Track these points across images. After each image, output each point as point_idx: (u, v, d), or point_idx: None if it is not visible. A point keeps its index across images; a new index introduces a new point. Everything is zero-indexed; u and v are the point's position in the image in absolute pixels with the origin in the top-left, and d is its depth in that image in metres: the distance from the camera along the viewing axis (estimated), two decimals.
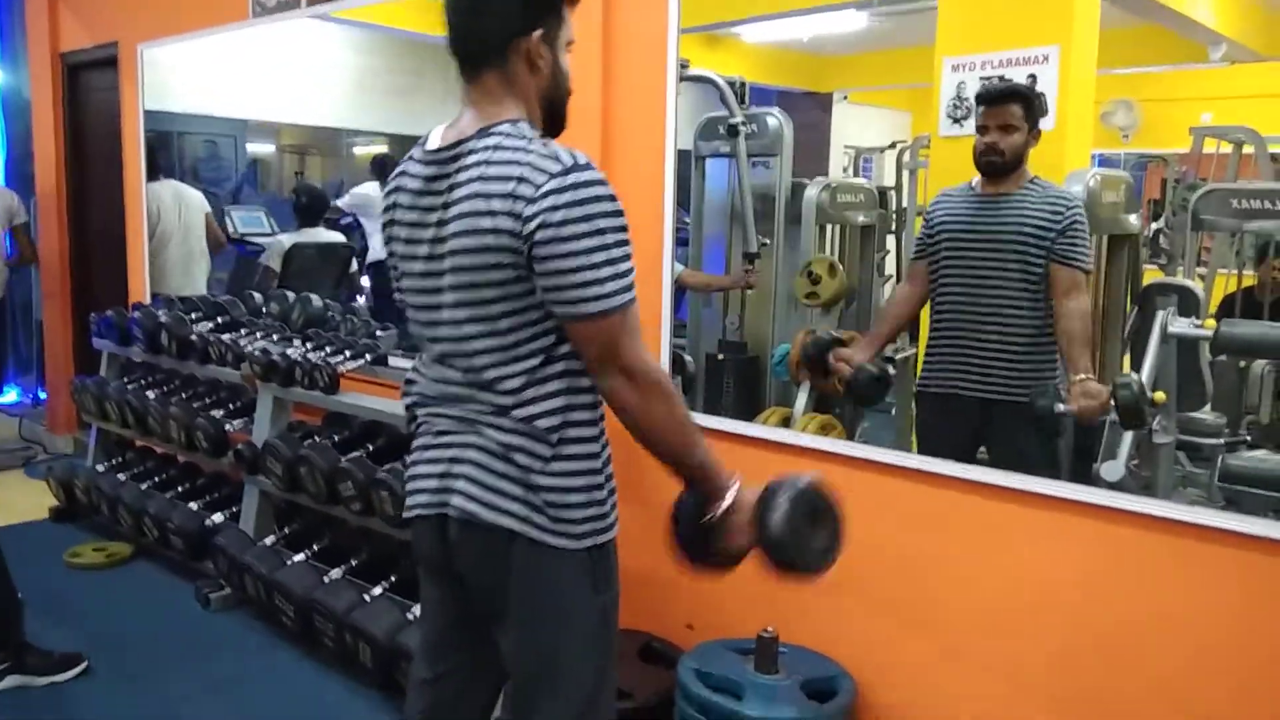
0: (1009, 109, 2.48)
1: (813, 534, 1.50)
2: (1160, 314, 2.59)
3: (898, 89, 6.54)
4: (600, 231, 1.36)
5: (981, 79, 3.08)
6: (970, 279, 2.56)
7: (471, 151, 1.43)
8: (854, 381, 2.75)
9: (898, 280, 4.47)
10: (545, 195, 1.35)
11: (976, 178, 2.59)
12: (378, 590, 2.71)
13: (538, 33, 1.46)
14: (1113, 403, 2.30)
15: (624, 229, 1.40)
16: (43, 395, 5.86)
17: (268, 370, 3.12)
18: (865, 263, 4.05)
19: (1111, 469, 2.34)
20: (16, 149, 6.02)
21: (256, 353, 3.18)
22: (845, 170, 6.57)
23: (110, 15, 4.80)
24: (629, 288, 1.40)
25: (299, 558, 2.93)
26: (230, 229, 5.40)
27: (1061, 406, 2.34)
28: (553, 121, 1.55)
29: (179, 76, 5.05)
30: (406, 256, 1.53)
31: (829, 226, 3.91)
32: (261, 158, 6.60)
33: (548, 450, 1.46)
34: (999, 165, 2.50)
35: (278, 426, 3.20)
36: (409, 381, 1.61)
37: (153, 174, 4.89)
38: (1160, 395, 2.44)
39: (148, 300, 4.54)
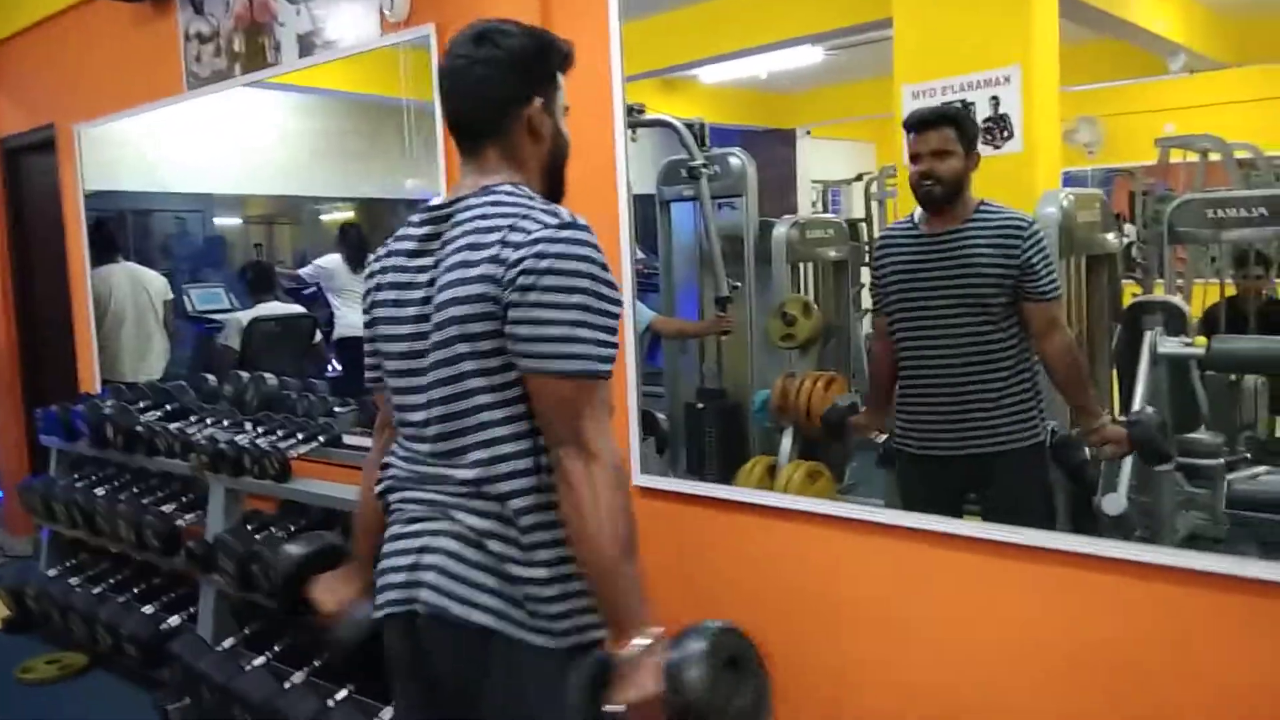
0: (940, 133, 2.31)
1: (735, 690, 1.31)
2: (1149, 334, 2.48)
3: (860, 121, 6.52)
4: (585, 292, 1.29)
5: (944, 104, 3.00)
6: (929, 328, 2.37)
7: (470, 207, 1.37)
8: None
9: (874, 314, 4.40)
10: (534, 243, 1.29)
11: (918, 210, 2.40)
12: (342, 694, 2.52)
13: (539, 100, 1.43)
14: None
15: (613, 301, 1.32)
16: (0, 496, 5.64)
17: (215, 460, 2.95)
18: (841, 298, 3.96)
19: (1112, 502, 2.23)
20: None
21: (203, 441, 3.02)
22: (814, 205, 6.54)
23: (45, 97, 4.70)
24: (606, 360, 1.30)
25: (259, 661, 2.74)
26: (188, 307, 5.27)
27: (1089, 454, 2.23)
28: (554, 186, 1.49)
29: (146, 154, 4.97)
30: (390, 320, 1.45)
31: (801, 264, 3.83)
32: (228, 231, 6.53)
33: (522, 536, 1.33)
34: (937, 194, 2.32)
35: (231, 519, 3.02)
36: (384, 466, 1.50)
37: (109, 256, 4.75)
38: None
39: (98, 390, 4.37)
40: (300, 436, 2.96)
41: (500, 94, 1.42)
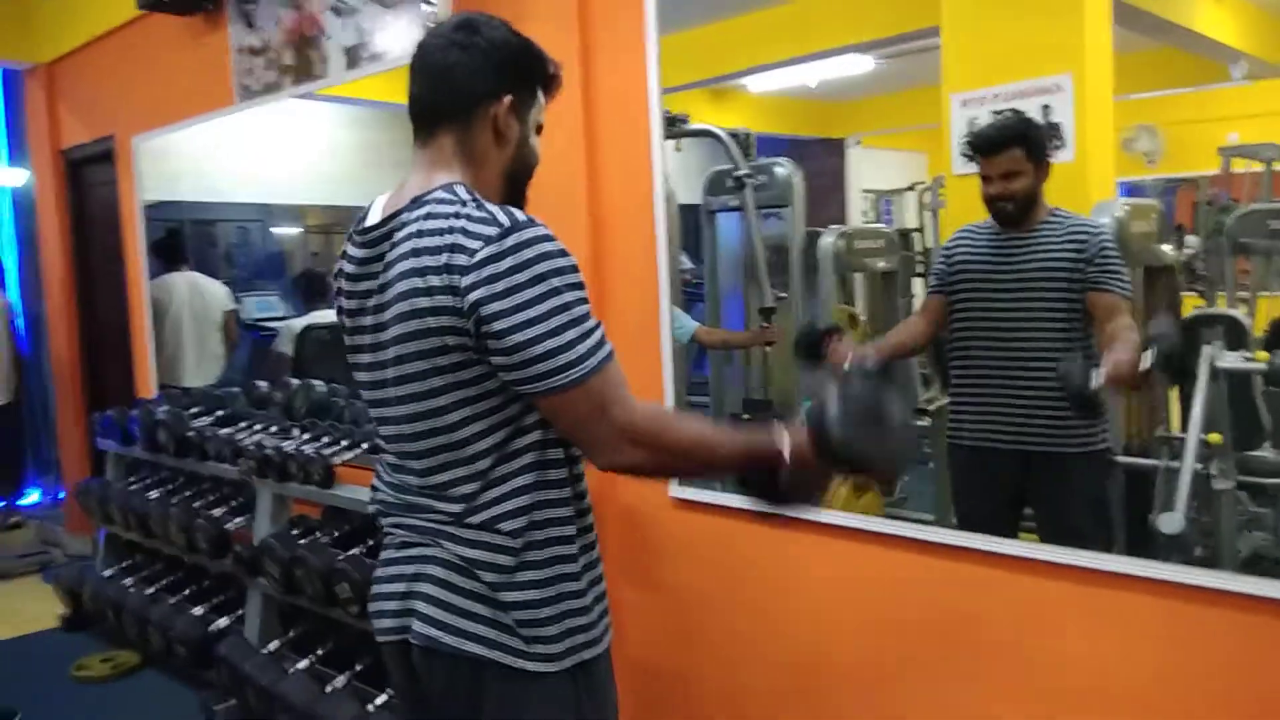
0: (1009, 155, 2.29)
1: (878, 429, 1.32)
2: (1207, 349, 2.41)
3: (912, 130, 6.44)
4: (555, 291, 1.21)
5: (993, 113, 2.94)
6: (998, 322, 2.38)
7: (404, 224, 1.28)
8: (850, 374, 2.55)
9: (929, 295, 4.33)
10: (483, 264, 1.20)
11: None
12: (381, 699, 2.53)
13: (508, 98, 1.35)
14: (1149, 356, 2.11)
15: (580, 284, 1.25)
16: (62, 496, 5.78)
17: (261, 465, 2.99)
18: (890, 309, 3.90)
19: (1170, 520, 2.15)
20: (29, 248, 6.04)
21: (251, 447, 3.06)
22: (865, 215, 6.46)
23: (104, 109, 4.81)
24: (601, 342, 1.24)
25: (303, 664, 2.76)
26: (242, 314, 5.37)
27: (1096, 378, 2.10)
28: (514, 197, 1.41)
29: (208, 166, 5.09)
30: (353, 348, 1.40)
31: (849, 275, 3.78)
32: (288, 240, 6.64)
33: (512, 560, 1.29)
34: (1011, 211, 2.32)
35: (278, 523, 3.05)
36: (374, 488, 1.46)
37: (174, 265, 4.88)
38: (1215, 437, 2.25)
39: (154, 396, 4.46)
40: (345, 443, 2.98)
41: (469, 83, 1.34)
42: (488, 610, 1.29)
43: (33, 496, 6.15)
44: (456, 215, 1.24)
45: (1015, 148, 2.29)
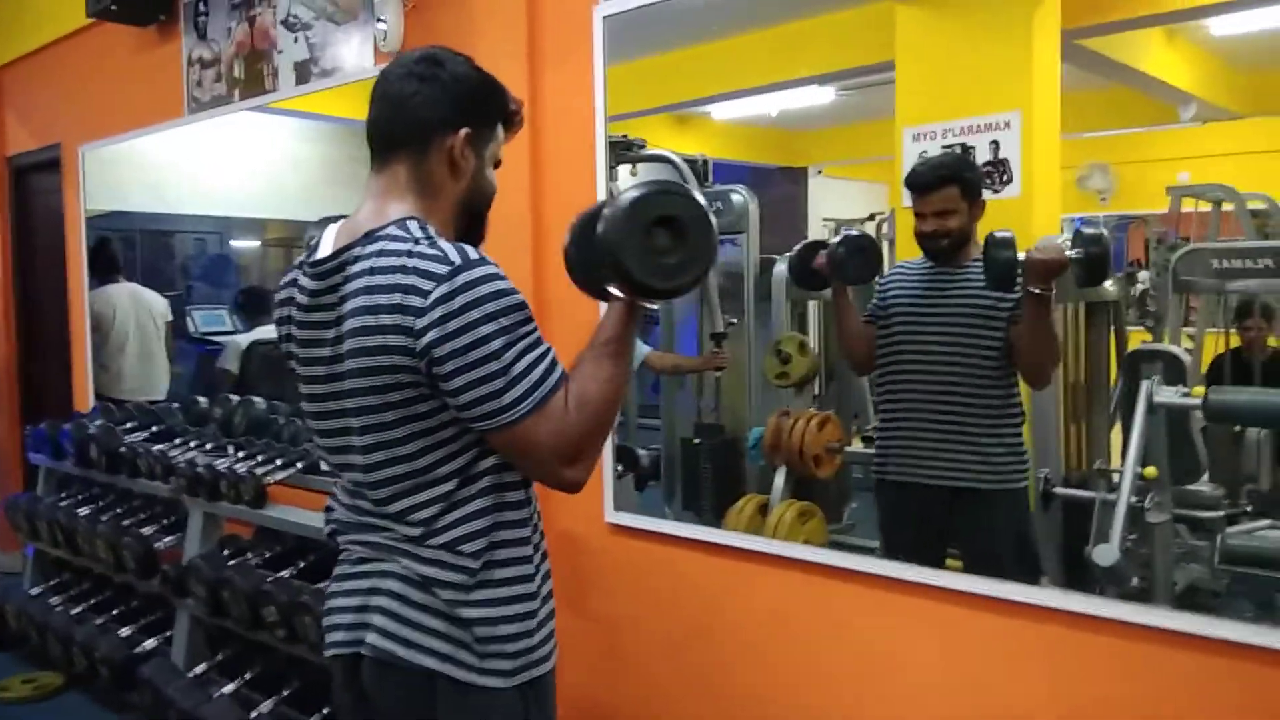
0: (942, 194, 2.32)
1: (664, 244, 1.31)
2: (1145, 384, 2.43)
3: (873, 161, 6.50)
4: (505, 330, 1.24)
5: (942, 147, 2.97)
6: (926, 357, 2.38)
7: (357, 259, 1.30)
8: (837, 255, 2.54)
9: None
10: (436, 305, 1.22)
11: None
12: None
13: (465, 131, 1.37)
14: (1077, 252, 2.14)
15: (528, 317, 1.28)
16: None
17: (192, 484, 2.93)
18: None
19: (1105, 552, 2.16)
20: None
21: (183, 464, 2.99)
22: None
23: (52, 117, 4.75)
24: (549, 371, 1.27)
25: (228, 688, 2.69)
26: (191, 328, 5.28)
27: (1020, 254, 2.13)
28: (471, 228, 1.43)
29: (164, 176, 5.02)
30: (307, 379, 1.40)
31: (803, 302, 3.79)
32: (246, 254, 6.58)
33: (469, 579, 1.31)
34: (944, 247, 2.35)
35: (208, 543, 2.99)
36: (329, 508, 1.47)
37: (110, 276, 4.78)
38: (1151, 470, 2.26)
39: (90, 408, 4.36)
40: (279, 462, 2.92)
41: (427, 113, 1.36)
42: (443, 625, 1.31)
43: None
44: (409, 254, 1.27)
45: (950, 187, 2.32)
